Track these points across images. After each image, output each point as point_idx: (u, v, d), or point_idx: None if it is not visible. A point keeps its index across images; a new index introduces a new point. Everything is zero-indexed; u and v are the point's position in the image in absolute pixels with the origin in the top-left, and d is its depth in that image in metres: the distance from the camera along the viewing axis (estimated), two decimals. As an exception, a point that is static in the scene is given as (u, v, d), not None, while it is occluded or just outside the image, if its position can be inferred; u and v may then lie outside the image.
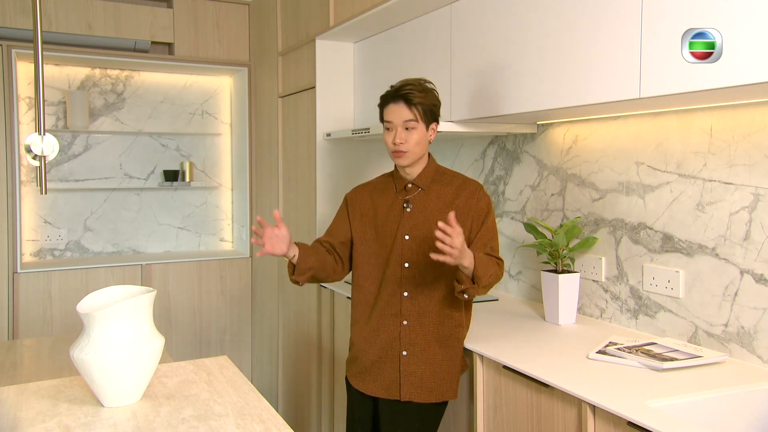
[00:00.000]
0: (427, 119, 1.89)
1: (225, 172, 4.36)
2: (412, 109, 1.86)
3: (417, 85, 1.88)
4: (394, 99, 1.89)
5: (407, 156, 1.89)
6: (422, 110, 1.87)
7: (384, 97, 1.93)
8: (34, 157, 1.44)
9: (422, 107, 1.87)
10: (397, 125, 1.88)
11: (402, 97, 1.87)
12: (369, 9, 2.57)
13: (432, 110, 1.90)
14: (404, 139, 1.87)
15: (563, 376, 1.65)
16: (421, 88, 1.88)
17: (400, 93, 1.87)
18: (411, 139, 1.87)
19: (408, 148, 1.88)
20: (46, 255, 3.86)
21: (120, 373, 1.42)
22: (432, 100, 1.90)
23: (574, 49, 1.83)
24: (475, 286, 1.77)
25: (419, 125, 1.88)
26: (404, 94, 1.87)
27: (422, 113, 1.87)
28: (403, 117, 1.87)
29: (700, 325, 1.89)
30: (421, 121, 1.87)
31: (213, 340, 4.05)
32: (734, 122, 1.78)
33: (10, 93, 3.40)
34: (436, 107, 1.91)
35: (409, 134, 1.87)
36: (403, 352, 1.90)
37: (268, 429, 1.35)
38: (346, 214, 2.04)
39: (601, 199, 2.22)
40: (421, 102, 1.86)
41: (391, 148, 1.90)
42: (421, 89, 1.88)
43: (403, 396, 1.89)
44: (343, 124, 3.13)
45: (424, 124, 1.88)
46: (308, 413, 3.31)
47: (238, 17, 4.00)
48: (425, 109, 1.87)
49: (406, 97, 1.86)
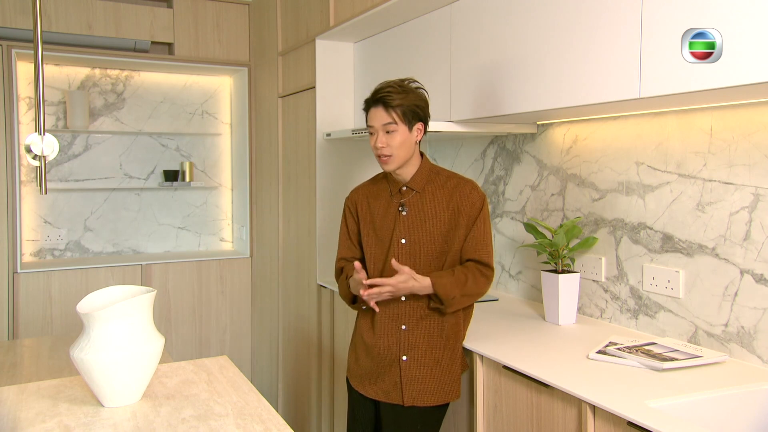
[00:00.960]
0: (408, 120, 1.86)
1: (225, 172, 4.36)
2: (390, 112, 1.84)
3: (395, 87, 1.85)
4: (374, 103, 1.87)
5: (392, 160, 1.87)
6: (401, 112, 1.84)
7: (366, 102, 1.92)
8: (34, 157, 1.44)
9: (401, 109, 1.84)
10: (378, 129, 1.86)
11: (379, 100, 1.85)
12: (369, 9, 2.57)
13: (414, 111, 1.86)
14: (385, 142, 1.85)
15: (563, 376, 1.65)
16: (401, 89, 1.85)
17: (378, 96, 1.86)
18: (393, 143, 1.85)
19: (391, 152, 1.86)
20: (46, 255, 3.86)
21: (120, 373, 1.42)
22: (413, 101, 1.86)
23: (574, 49, 1.83)
24: (444, 306, 1.84)
25: (400, 127, 1.85)
26: (381, 97, 1.85)
27: (401, 115, 1.84)
28: (383, 120, 1.85)
29: (700, 325, 1.89)
30: (401, 123, 1.85)
31: (213, 340, 4.05)
32: (734, 122, 1.78)
33: (10, 93, 3.40)
34: (419, 107, 1.88)
35: (391, 137, 1.85)
36: (402, 357, 1.90)
37: (268, 429, 1.35)
38: (355, 220, 2.04)
39: (601, 199, 2.22)
40: (400, 104, 1.83)
41: (375, 152, 1.90)
42: (401, 90, 1.85)
43: (405, 401, 1.89)
44: (343, 124, 3.13)
45: (405, 125, 1.86)
46: (308, 413, 3.31)
47: (238, 17, 4.00)
48: (404, 110, 1.84)
49: (383, 100, 1.85)
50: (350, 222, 2.05)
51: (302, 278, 3.34)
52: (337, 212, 3.00)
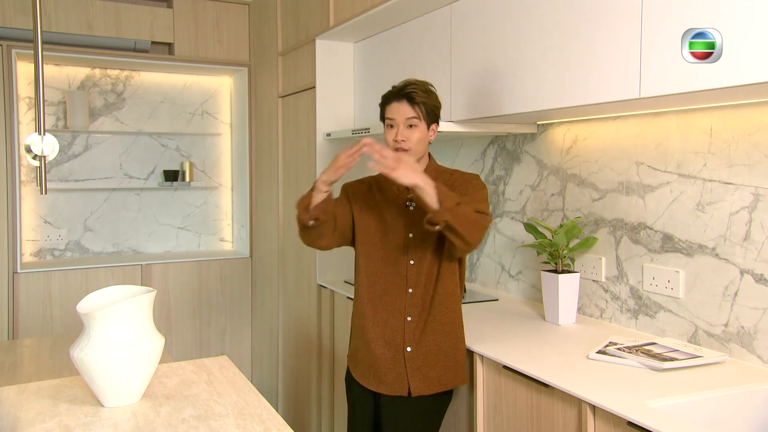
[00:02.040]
0: (428, 119, 1.91)
1: (225, 172, 4.36)
2: (415, 108, 1.88)
3: (420, 85, 1.91)
4: (398, 97, 1.90)
5: (409, 155, 1.89)
6: (425, 110, 1.89)
7: (386, 96, 1.94)
8: (34, 157, 1.44)
9: (425, 107, 1.89)
10: (400, 122, 1.89)
11: (405, 95, 1.89)
12: (369, 9, 2.57)
13: (434, 111, 1.92)
14: (406, 136, 1.89)
15: (563, 376, 1.65)
16: (425, 89, 1.91)
17: (404, 92, 1.90)
18: (413, 137, 1.89)
19: (410, 146, 1.89)
20: (46, 255, 3.86)
21: (120, 373, 1.42)
22: (434, 102, 1.93)
23: (574, 49, 1.83)
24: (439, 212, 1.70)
25: (421, 124, 1.89)
26: (408, 92, 1.89)
27: (425, 113, 1.89)
28: (406, 114, 1.89)
29: (700, 325, 1.89)
30: (423, 120, 1.90)
31: (213, 340, 4.05)
32: (734, 122, 1.78)
33: (10, 93, 3.40)
34: (437, 108, 1.94)
35: (411, 132, 1.89)
36: (407, 348, 1.91)
37: (268, 429, 1.35)
38: (346, 199, 2.02)
39: (601, 199, 2.21)
40: (424, 102, 1.89)
41: (393, 145, 1.90)
42: (425, 90, 1.91)
43: (413, 392, 1.90)
44: (343, 124, 3.13)
45: (425, 123, 1.90)
46: (308, 413, 3.31)
47: (238, 17, 4.00)
48: (428, 109, 1.90)
49: (409, 95, 1.89)
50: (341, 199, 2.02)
51: (302, 278, 3.34)
52: (337, 212, 3.00)
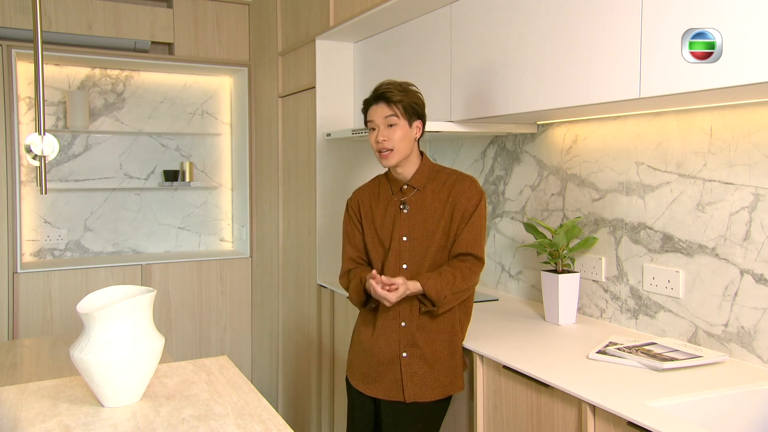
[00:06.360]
0: (408, 116, 1.91)
1: (225, 172, 4.36)
2: (392, 107, 1.90)
3: (396, 85, 1.92)
4: (375, 100, 1.93)
5: (393, 155, 1.91)
6: (402, 107, 1.90)
7: (365, 101, 1.97)
8: (34, 157, 1.43)
9: (402, 105, 1.90)
10: (379, 123, 1.91)
11: (381, 96, 1.91)
12: (369, 9, 2.57)
13: (413, 108, 1.92)
14: (387, 136, 1.90)
15: (563, 376, 1.65)
16: (401, 87, 1.92)
17: (379, 93, 1.92)
18: (394, 136, 1.89)
19: (392, 145, 1.90)
20: (46, 255, 3.86)
21: (120, 373, 1.42)
22: (413, 99, 1.93)
23: (574, 49, 1.83)
24: (436, 308, 1.85)
25: (401, 121, 1.90)
26: (382, 93, 1.91)
27: (402, 110, 1.90)
28: (384, 114, 1.90)
29: (700, 325, 1.89)
30: (402, 118, 1.90)
31: (213, 340, 4.05)
32: (734, 122, 1.78)
33: (10, 93, 3.40)
34: (417, 105, 1.94)
35: (392, 131, 1.90)
36: (402, 354, 1.90)
37: (268, 429, 1.35)
38: (356, 221, 2.05)
39: (601, 199, 2.21)
40: (401, 100, 1.90)
41: (376, 147, 1.93)
42: (401, 89, 1.92)
43: (407, 398, 1.89)
44: (343, 124, 3.13)
45: (406, 120, 1.91)
46: (308, 413, 3.31)
47: (238, 17, 4.00)
48: (405, 106, 1.90)
49: (384, 95, 1.91)
50: (353, 222, 2.06)
51: (302, 278, 3.34)
52: (337, 212, 3.01)
